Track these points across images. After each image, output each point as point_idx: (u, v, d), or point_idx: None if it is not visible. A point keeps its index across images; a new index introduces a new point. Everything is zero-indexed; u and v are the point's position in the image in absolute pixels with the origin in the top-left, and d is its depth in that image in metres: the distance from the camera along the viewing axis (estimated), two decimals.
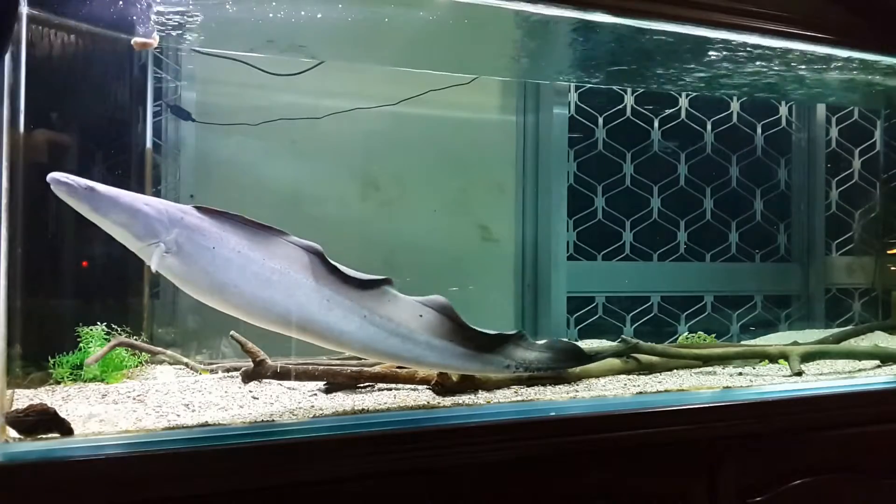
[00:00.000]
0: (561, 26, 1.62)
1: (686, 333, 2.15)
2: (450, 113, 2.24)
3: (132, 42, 1.48)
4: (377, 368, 1.48)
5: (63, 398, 1.34)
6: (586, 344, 1.85)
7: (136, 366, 1.59)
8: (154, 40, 1.51)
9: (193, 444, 1.09)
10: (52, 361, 1.44)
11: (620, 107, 2.47)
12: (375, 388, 1.47)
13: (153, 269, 1.14)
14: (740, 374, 1.74)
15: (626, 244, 2.46)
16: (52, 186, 1.09)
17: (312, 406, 1.31)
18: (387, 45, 1.88)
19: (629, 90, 2.45)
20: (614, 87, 2.42)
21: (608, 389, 1.52)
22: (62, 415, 1.09)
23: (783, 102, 2.66)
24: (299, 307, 1.21)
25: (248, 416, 1.22)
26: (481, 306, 2.07)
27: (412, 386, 1.46)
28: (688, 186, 2.55)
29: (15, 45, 1.15)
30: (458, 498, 1.23)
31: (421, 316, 1.33)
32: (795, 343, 1.86)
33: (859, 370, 1.81)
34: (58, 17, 1.44)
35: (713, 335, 2.05)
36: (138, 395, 1.37)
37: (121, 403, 1.31)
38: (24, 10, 1.23)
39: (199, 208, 1.18)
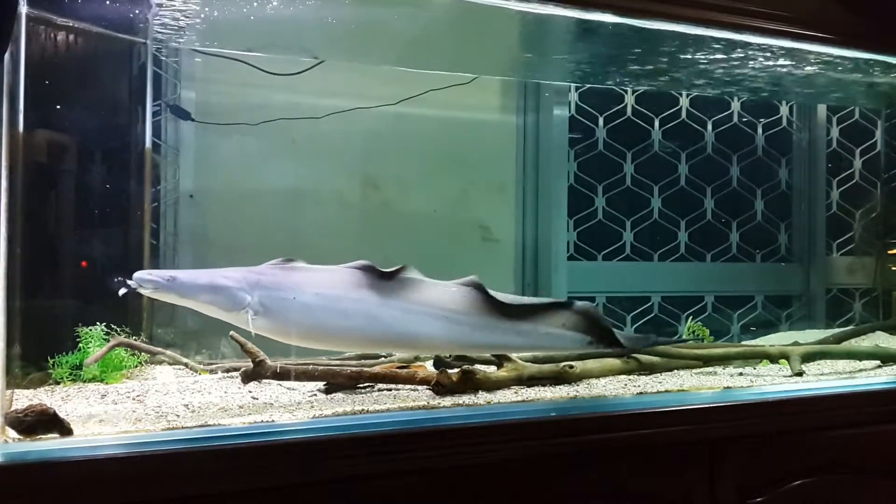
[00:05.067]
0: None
1: (688, 324, 2.14)
2: (450, 113, 2.24)
3: None
4: (377, 369, 1.48)
5: (62, 398, 1.34)
6: None
7: (136, 366, 1.59)
8: None
9: (193, 444, 1.09)
10: (51, 361, 1.44)
11: (620, 107, 2.47)
12: (375, 388, 1.47)
13: (253, 332, 1.24)
14: (741, 374, 1.74)
15: (627, 244, 2.46)
16: (137, 285, 1.20)
17: (312, 406, 1.31)
18: (387, 44, 1.88)
19: (629, 90, 2.45)
20: (615, 88, 2.42)
21: (608, 390, 1.52)
22: (61, 415, 1.08)
23: (784, 102, 2.66)
24: (384, 326, 1.30)
25: (247, 417, 1.22)
26: None
27: (412, 386, 1.46)
28: (688, 186, 2.54)
29: (14, 44, 1.15)
30: (458, 498, 1.23)
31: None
32: (796, 343, 1.85)
33: (860, 370, 1.81)
34: (57, 16, 1.44)
35: (711, 337, 2.05)
36: (138, 396, 1.37)
37: (120, 404, 1.31)
38: (24, 9, 1.23)
39: (270, 266, 1.28)
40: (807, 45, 1.70)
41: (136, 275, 1.21)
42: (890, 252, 2.64)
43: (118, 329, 1.54)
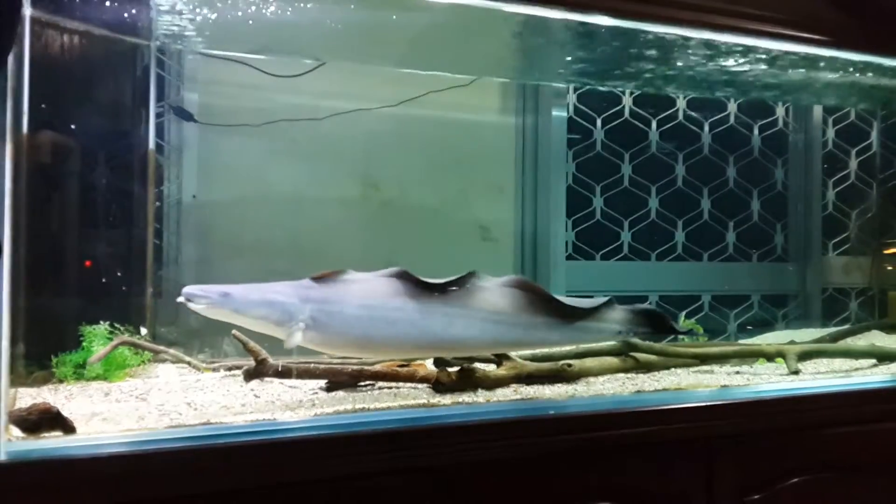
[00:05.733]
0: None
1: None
2: (449, 114, 2.25)
3: None
4: (378, 367, 1.49)
5: (66, 397, 1.34)
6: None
7: (139, 364, 1.59)
8: None
9: (196, 442, 1.10)
10: (55, 360, 1.45)
11: (619, 108, 2.48)
12: (376, 386, 1.48)
13: (292, 345, 1.25)
14: (738, 372, 1.75)
15: (625, 244, 2.47)
16: (189, 301, 1.19)
17: (314, 404, 1.32)
18: (387, 46, 1.89)
19: (627, 91, 2.47)
20: (614, 89, 2.43)
21: (606, 388, 1.52)
22: (65, 413, 1.09)
23: (780, 103, 2.67)
24: (427, 332, 1.32)
25: (249, 415, 1.22)
26: None
27: (412, 384, 1.47)
28: (685, 187, 2.56)
29: (18, 46, 1.15)
30: (458, 496, 1.23)
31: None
32: (792, 342, 1.86)
33: (856, 369, 1.81)
34: (61, 18, 1.45)
35: (705, 336, 2.06)
36: (141, 394, 1.37)
37: (123, 402, 1.32)
38: (28, 11, 1.23)
39: (315, 278, 1.28)
40: (801, 48, 1.71)
41: (186, 290, 1.20)
42: (885, 252, 2.65)
43: (121, 328, 1.55)
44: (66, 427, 1.08)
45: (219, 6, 1.53)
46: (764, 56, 1.82)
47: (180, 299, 1.21)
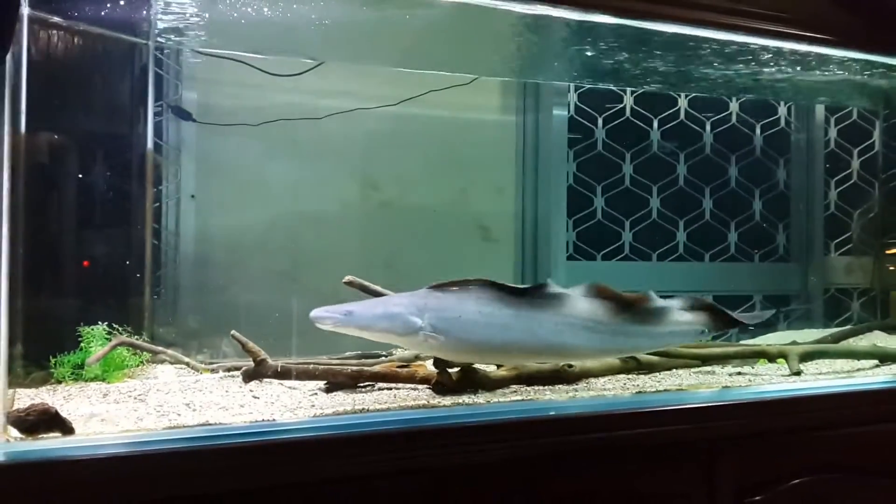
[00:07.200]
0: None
1: None
2: (450, 113, 2.24)
3: None
4: (377, 368, 1.48)
5: (64, 397, 1.34)
6: None
7: (138, 365, 1.59)
8: None
9: (194, 443, 1.09)
10: (53, 361, 1.45)
11: (620, 107, 2.48)
12: (375, 387, 1.48)
13: (415, 352, 1.34)
14: (739, 373, 1.75)
15: (626, 244, 2.47)
16: (317, 322, 1.28)
17: (313, 405, 1.32)
18: (387, 45, 1.88)
19: (628, 90, 2.46)
20: (614, 88, 2.43)
21: (607, 389, 1.52)
22: (63, 414, 1.08)
23: (783, 103, 2.67)
24: (539, 338, 1.38)
25: (248, 416, 1.22)
26: None
27: (412, 385, 1.47)
28: (687, 186, 2.55)
29: (16, 45, 1.15)
30: (457, 497, 1.23)
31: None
32: (794, 343, 1.86)
33: (858, 370, 1.81)
34: (59, 17, 1.45)
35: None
36: (139, 395, 1.37)
37: (122, 403, 1.31)
38: (25, 10, 1.23)
39: (432, 287, 1.34)
40: (804, 46, 1.70)
41: (314, 313, 1.27)
42: (888, 252, 2.64)
43: (120, 328, 1.55)
44: (65, 428, 1.08)
45: (218, 6, 1.53)
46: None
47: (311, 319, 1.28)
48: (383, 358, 1.67)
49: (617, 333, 1.44)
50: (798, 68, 1.95)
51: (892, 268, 2.63)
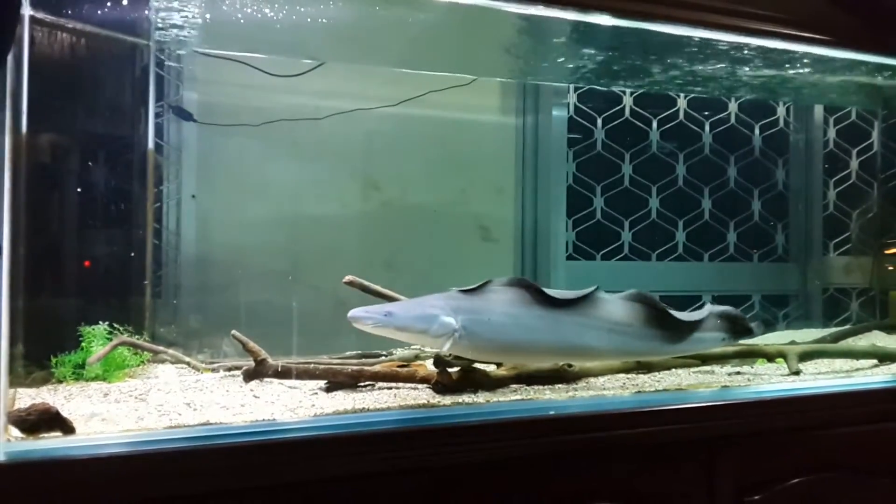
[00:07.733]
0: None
1: None
2: (450, 114, 2.25)
3: None
4: (377, 368, 1.48)
5: (65, 397, 1.34)
6: None
7: (138, 365, 1.59)
8: None
9: (195, 442, 1.09)
10: (54, 360, 1.45)
11: (619, 107, 2.48)
12: (376, 387, 1.48)
13: (446, 352, 1.35)
14: (738, 373, 1.75)
15: (625, 244, 2.47)
16: (356, 323, 1.29)
17: (313, 405, 1.32)
18: (387, 46, 1.89)
19: (628, 91, 2.47)
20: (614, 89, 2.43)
21: (607, 388, 1.52)
22: (64, 414, 1.09)
23: (781, 103, 2.67)
24: (563, 339, 1.42)
25: (249, 415, 1.22)
26: None
27: (412, 385, 1.47)
28: (686, 187, 2.55)
29: (17, 46, 1.15)
30: (459, 497, 1.23)
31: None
32: (793, 342, 1.86)
33: (857, 369, 1.81)
34: (60, 18, 1.45)
35: None
36: (140, 394, 1.37)
37: (123, 402, 1.32)
38: (27, 11, 1.23)
39: (461, 291, 1.36)
40: (803, 47, 1.71)
41: (352, 313, 1.29)
42: (886, 252, 2.65)
43: (121, 328, 1.55)
44: (66, 427, 1.08)
45: (218, 5, 1.53)
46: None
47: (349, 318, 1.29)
48: (383, 357, 1.67)
49: (645, 339, 1.49)
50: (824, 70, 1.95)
51: (890, 268, 2.64)
